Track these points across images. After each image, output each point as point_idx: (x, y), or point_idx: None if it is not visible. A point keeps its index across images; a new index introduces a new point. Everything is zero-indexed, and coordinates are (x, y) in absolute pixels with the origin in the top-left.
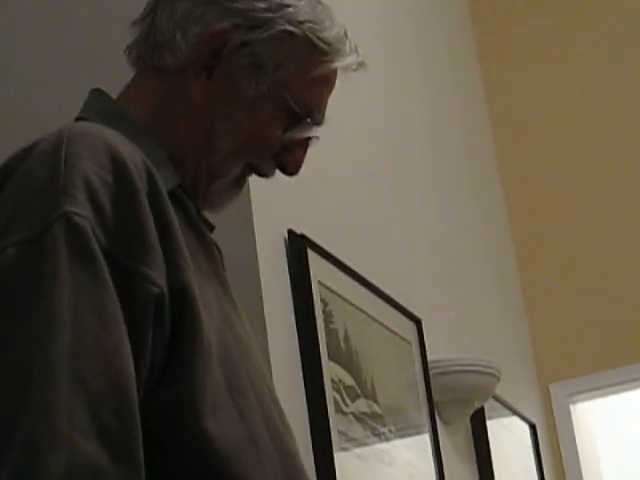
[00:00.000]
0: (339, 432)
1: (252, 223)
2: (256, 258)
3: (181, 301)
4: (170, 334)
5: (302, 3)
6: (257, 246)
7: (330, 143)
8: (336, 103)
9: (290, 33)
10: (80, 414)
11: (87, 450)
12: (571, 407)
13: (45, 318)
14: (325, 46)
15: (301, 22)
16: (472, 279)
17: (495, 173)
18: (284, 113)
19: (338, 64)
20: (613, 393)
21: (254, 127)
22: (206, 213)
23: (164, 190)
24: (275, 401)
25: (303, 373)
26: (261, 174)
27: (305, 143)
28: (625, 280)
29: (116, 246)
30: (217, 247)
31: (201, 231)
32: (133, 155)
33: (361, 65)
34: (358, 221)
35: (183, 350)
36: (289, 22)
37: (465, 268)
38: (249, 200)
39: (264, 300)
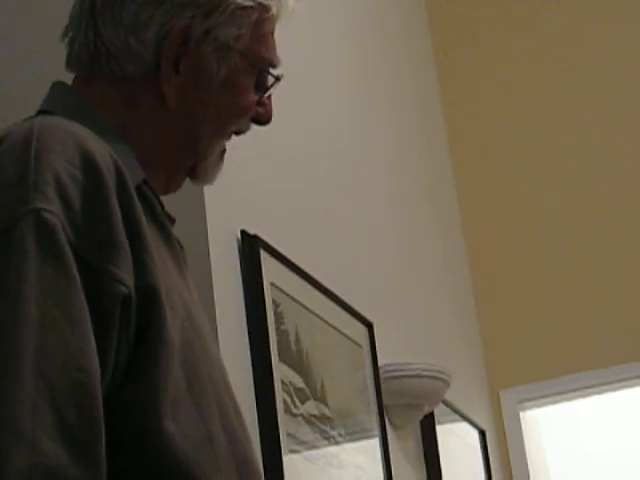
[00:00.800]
0: (288, 434)
1: (205, 223)
2: (208, 258)
3: (148, 300)
4: (135, 332)
5: None
6: (209, 246)
7: (288, 145)
8: (297, 108)
9: (243, 7)
10: (43, 411)
11: (49, 451)
12: (521, 414)
13: (10, 313)
14: (270, 2)
15: None
16: (425, 284)
17: (449, 173)
18: (252, 76)
19: (284, 13)
20: (563, 401)
21: (233, 103)
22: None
23: (132, 187)
24: (234, 402)
25: (253, 374)
26: (240, 134)
27: (268, 90)
28: (575, 289)
29: (85, 244)
30: (179, 243)
31: (165, 227)
32: (102, 151)
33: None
34: (312, 223)
35: (147, 349)
36: None
37: (418, 273)
38: (203, 200)
39: (215, 300)
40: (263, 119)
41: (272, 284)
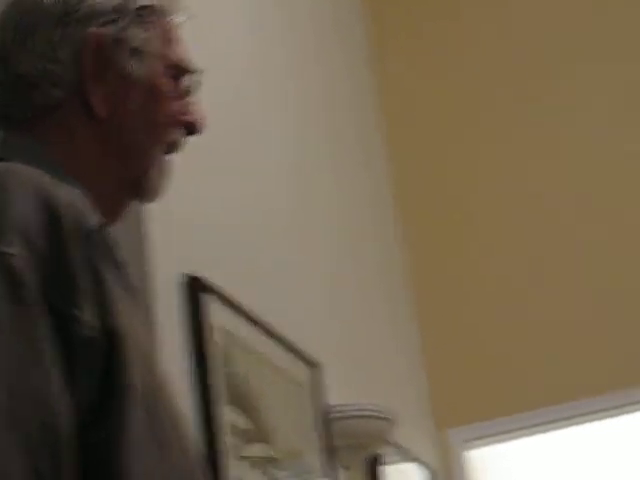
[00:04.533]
0: (234, 477)
1: (148, 265)
2: (152, 300)
3: (112, 342)
4: (100, 375)
5: None
6: (153, 288)
7: (230, 185)
8: (241, 150)
9: (143, 8)
10: (15, 454)
11: None
12: (467, 453)
13: None
14: (167, 6)
15: None
16: (371, 325)
17: (389, 195)
18: (171, 80)
19: (180, 17)
20: (508, 439)
21: (161, 108)
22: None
23: (93, 229)
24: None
25: (198, 417)
26: (175, 148)
27: (190, 95)
28: (518, 330)
29: (49, 288)
30: None
31: (122, 267)
32: (64, 197)
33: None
34: (256, 265)
35: (112, 392)
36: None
37: (364, 314)
38: (146, 242)
39: (159, 342)
40: (197, 127)
41: (216, 326)
